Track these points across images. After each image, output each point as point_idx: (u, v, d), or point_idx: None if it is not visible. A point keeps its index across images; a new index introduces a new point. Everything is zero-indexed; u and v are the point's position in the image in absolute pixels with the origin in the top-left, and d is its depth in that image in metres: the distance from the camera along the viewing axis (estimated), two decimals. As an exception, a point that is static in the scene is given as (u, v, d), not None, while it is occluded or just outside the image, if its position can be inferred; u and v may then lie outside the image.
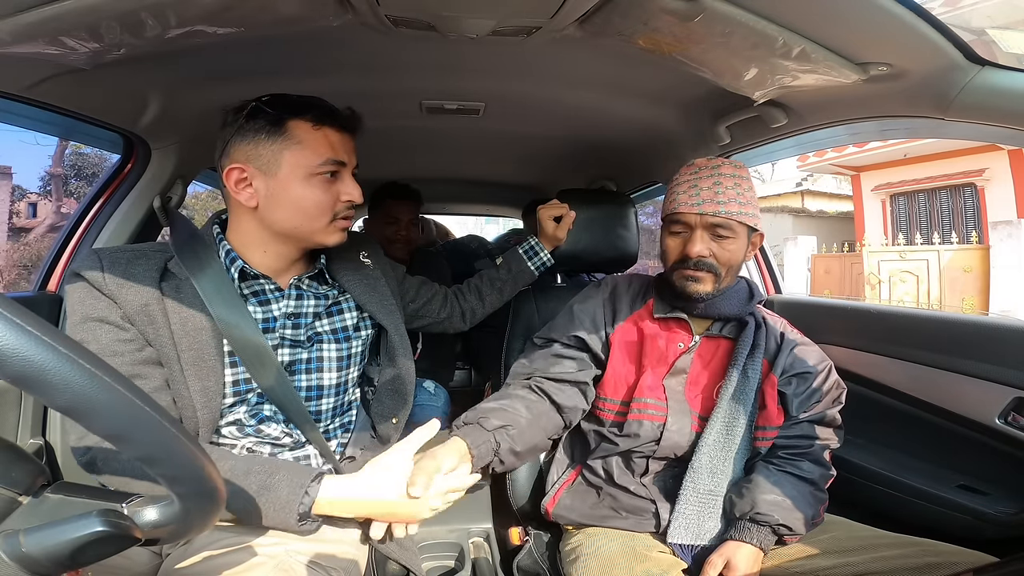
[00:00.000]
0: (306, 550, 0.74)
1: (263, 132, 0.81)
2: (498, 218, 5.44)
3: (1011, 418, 0.98)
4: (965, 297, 7.94)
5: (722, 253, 0.97)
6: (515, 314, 1.31)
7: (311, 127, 0.82)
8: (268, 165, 0.81)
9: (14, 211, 13.40)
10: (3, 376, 0.35)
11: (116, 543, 0.43)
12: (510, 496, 1.20)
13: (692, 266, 0.97)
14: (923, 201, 9.50)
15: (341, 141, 0.86)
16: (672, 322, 1.04)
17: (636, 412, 1.00)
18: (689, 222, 0.97)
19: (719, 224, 0.95)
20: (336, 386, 0.92)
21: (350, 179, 0.88)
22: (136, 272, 0.78)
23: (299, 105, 0.83)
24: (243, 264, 0.84)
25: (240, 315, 0.81)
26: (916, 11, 0.68)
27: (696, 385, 1.01)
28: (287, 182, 0.82)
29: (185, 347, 0.78)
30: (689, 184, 0.98)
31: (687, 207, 0.97)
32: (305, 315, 0.90)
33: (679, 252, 0.99)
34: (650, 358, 1.02)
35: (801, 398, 1.00)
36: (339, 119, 0.85)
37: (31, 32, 0.72)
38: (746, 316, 1.01)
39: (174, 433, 0.44)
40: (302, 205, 0.83)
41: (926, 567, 0.81)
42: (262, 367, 0.82)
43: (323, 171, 0.83)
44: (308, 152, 0.82)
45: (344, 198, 0.87)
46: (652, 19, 0.78)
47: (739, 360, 0.98)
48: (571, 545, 1.00)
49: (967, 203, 8.94)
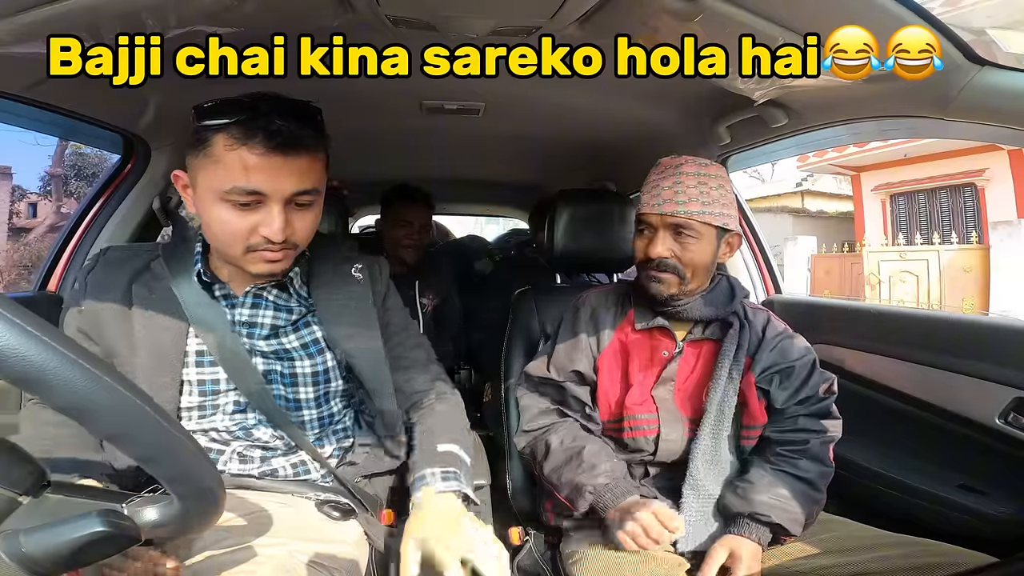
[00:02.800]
0: (307, 550, 0.74)
1: (195, 143, 0.74)
2: (498, 218, 5.45)
3: (1011, 418, 0.98)
4: (965, 297, 7.93)
5: (684, 254, 0.96)
6: (515, 315, 1.31)
7: (224, 146, 0.70)
8: (192, 179, 0.76)
9: (14, 211, 13.40)
10: (3, 376, 0.35)
11: (116, 543, 0.43)
12: (510, 496, 1.20)
13: (655, 267, 0.97)
14: (923, 201, 9.49)
15: (262, 165, 0.70)
16: (655, 331, 1.03)
17: (629, 430, 1.00)
18: (652, 222, 0.97)
19: (680, 224, 0.95)
20: (315, 399, 0.88)
21: (274, 211, 0.73)
22: (114, 271, 0.82)
23: (227, 114, 0.71)
24: (200, 268, 0.83)
25: (215, 315, 0.81)
26: (916, 11, 0.68)
27: (684, 391, 1.01)
28: (202, 200, 0.75)
29: (142, 346, 0.79)
30: (652, 184, 0.99)
31: (648, 207, 0.97)
32: (261, 325, 0.85)
33: (643, 252, 0.99)
34: (635, 370, 1.01)
35: (788, 392, 0.99)
36: (266, 137, 0.69)
37: (31, 32, 0.72)
38: (729, 316, 1.00)
39: (174, 433, 0.44)
40: (213, 228, 0.75)
41: (926, 567, 0.81)
42: (238, 369, 0.81)
43: (231, 199, 0.72)
44: (218, 174, 0.71)
45: (262, 232, 0.73)
46: (652, 19, 0.78)
47: (724, 363, 0.97)
48: (572, 547, 1.00)
49: (967, 203, 8.93)
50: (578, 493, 0.95)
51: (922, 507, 1.09)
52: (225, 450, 0.83)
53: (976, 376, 1.03)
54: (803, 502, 0.93)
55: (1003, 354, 1.00)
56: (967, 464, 1.08)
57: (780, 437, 0.99)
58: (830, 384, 1.02)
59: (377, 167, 2.05)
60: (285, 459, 0.86)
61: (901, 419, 1.19)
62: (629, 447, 1.00)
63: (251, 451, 0.84)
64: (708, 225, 0.95)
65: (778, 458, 0.98)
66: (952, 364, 1.07)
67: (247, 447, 0.84)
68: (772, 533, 0.91)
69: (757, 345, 1.01)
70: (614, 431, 1.03)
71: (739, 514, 0.92)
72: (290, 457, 0.87)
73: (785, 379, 0.99)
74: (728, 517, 0.95)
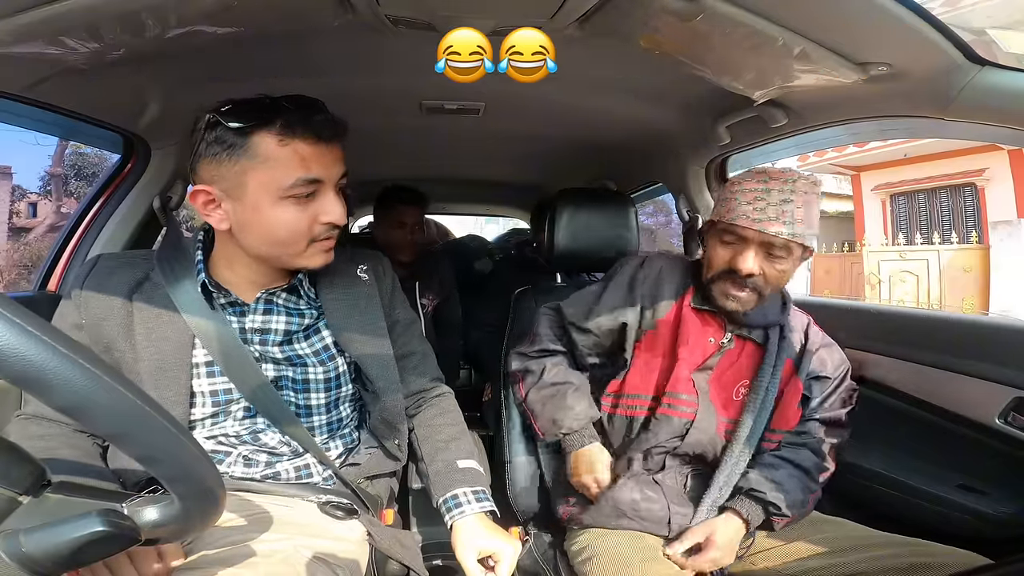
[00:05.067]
0: (311, 546, 0.74)
1: (224, 150, 0.71)
2: (498, 218, 5.44)
3: (1011, 418, 0.98)
4: (965, 297, 7.93)
5: (772, 272, 0.92)
6: (515, 315, 1.31)
7: (277, 142, 0.71)
8: (233, 188, 0.73)
9: (14, 211, 13.39)
10: (3, 376, 0.36)
11: (116, 543, 0.44)
12: (510, 496, 1.20)
13: (738, 282, 0.93)
14: (923, 201, 9.49)
15: (316, 154, 0.73)
16: (707, 315, 1.01)
17: (666, 407, 0.98)
18: (746, 236, 0.92)
19: (777, 244, 0.90)
20: (326, 404, 0.88)
21: (331, 196, 0.77)
22: (110, 283, 0.79)
23: (263, 114, 0.71)
24: (204, 278, 0.80)
25: (219, 323, 0.79)
26: (916, 11, 0.68)
27: (718, 383, 1.00)
28: (256, 207, 0.73)
29: (145, 356, 0.77)
30: (756, 196, 0.91)
31: (748, 221, 0.90)
32: (274, 331, 0.84)
33: (726, 264, 0.94)
34: (685, 347, 0.99)
35: (817, 400, 1.01)
36: (313, 127, 0.73)
37: (31, 32, 0.72)
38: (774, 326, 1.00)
39: (174, 433, 0.44)
40: (273, 231, 0.75)
41: (916, 567, 0.82)
42: (244, 376, 0.80)
43: (295, 193, 0.73)
44: (276, 172, 0.71)
45: (324, 219, 0.76)
46: (652, 19, 0.78)
47: (765, 373, 0.96)
48: (579, 544, 1.00)
49: (967, 203, 8.92)
50: (553, 427, 1.06)
51: (922, 507, 1.09)
52: (231, 452, 0.83)
53: (976, 376, 1.03)
54: (800, 488, 0.95)
55: (1003, 354, 1.00)
56: (967, 464, 1.08)
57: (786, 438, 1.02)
58: (851, 396, 1.04)
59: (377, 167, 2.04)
60: (290, 463, 0.86)
61: (901, 419, 1.18)
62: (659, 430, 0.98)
63: (257, 455, 0.84)
64: (801, 246, 0.92)
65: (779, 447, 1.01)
66: (952, 364, 1.07)
67: (253, 451, 0.84)
68: (767, 513, 0.93)
69: (801, 351, 1.01)
70: (649, 410, 1.00)
71: (737, 489, 0.94)
72: (294, 461, 0.86)
73: (818, 387, 1.01)
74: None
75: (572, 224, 1.32)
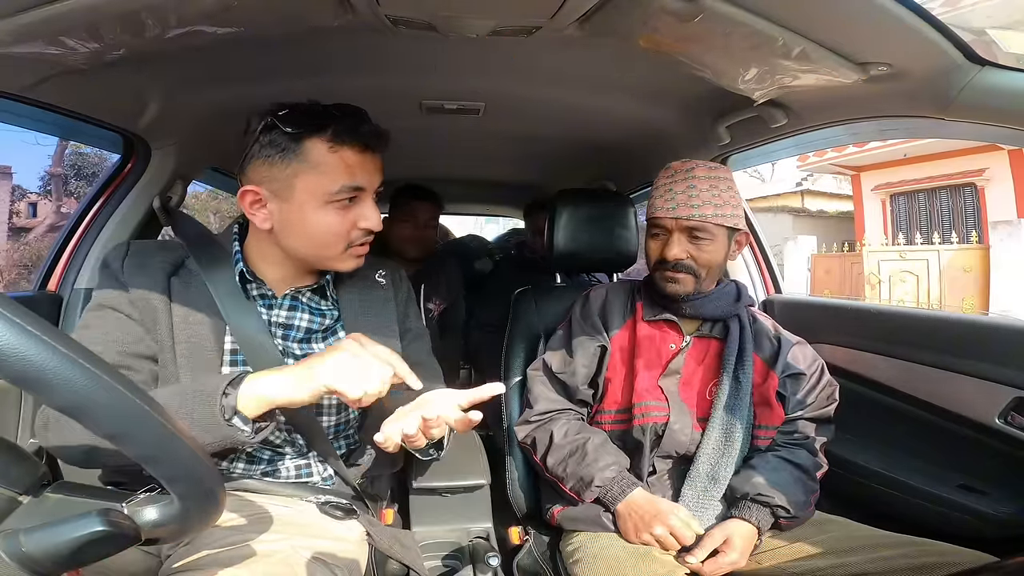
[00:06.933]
0: (310, 546, 0.74)
1: (277, 152, 0.76)
2: (498, 218, 5.44)
3: (1011, 418, 0.98)
4: (965, 297, 7.93)
5: (700, 255, 1.00)
6: (515, 315, 1.31)
7: (327, 149, 0.76)
8: (281, 189, 0.77)
9: (14, 211, 13.40)
10: (3, 376, 0.36)
11: (116, 543, 0.43)
12: (510, 496, 1.20)
13: (671, 268, 1.00)
14: (923, 201, 9.49)
15: (361, 163, 0.79)
16: (663, 324, 1.06)
17: (640, 417, 1.01)
18: (666, 225, 1.01)
19: (695, 227, 0.98)
20: (336, 405, 0.89)
21: (370, 204, 0.82)
22: (152, 263, 0.81)
23: (317, 121, 0.76)
24: (243, 267, 0.83)
25: (248, 313, 0.81)
26: (916, 11, 0.68)
27: (690, 386, 1.04)
28: (301, 209, 0.78)
29: (182, 339, 0.78)
30: (664, 188, 1.02)
31: (663, 211, 1.00)
32: (296, 328, 0.87)
33: (659, 254, 1.02)
34: (643, 360, 1.04)
35: (796, 398, 1.03)
36: (361, 137, 0.78)
37: (31, 32, 0.72)
38: (731, 318, 1.04)
39: (174, 433, 0.44)
40: (314, 233, 0.79)
41: (924, 567, 0.81)
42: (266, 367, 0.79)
43: (339, 198, 0.78)
44: (324, 177, 0.77)
45: (362, 224, 0.81)
46: (652, 19, 0.78)
47: (729, 364, 1.00)
48: (573, 545, 1.00)
49: (967, 203, 8.92)
50: (585, 485, 0.98)
51: (922, 507, 1.09)
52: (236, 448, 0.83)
53: (976, 376, 1.03)
54: (802, 488, 0.97)
55: (1003, 354, 1.00)
56: (967, 464, 1.08)
57: (781, 438, 1.04)
58: (833, 391, 1.07)
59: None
60: (291, 461, 0.86)
61: (901, 419, 1.19)
62: (635, 439, 1.01)
63: (260, 452, 0.85)
64: (721, 226, 0.99)
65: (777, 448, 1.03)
66: (952, 364, 1.07)
67: (258, 448, 0.84)
68: (775, 516, 0.94)
69: (776, 349, 1.05)
70: (622, 421, 1.04)
71: (743, 495, 0.95)
72: (296, 460, 0.87)
73: (795, 384, 1.04)
74: (731, 501, 0.98)
75: (571, 224, 1.32)
